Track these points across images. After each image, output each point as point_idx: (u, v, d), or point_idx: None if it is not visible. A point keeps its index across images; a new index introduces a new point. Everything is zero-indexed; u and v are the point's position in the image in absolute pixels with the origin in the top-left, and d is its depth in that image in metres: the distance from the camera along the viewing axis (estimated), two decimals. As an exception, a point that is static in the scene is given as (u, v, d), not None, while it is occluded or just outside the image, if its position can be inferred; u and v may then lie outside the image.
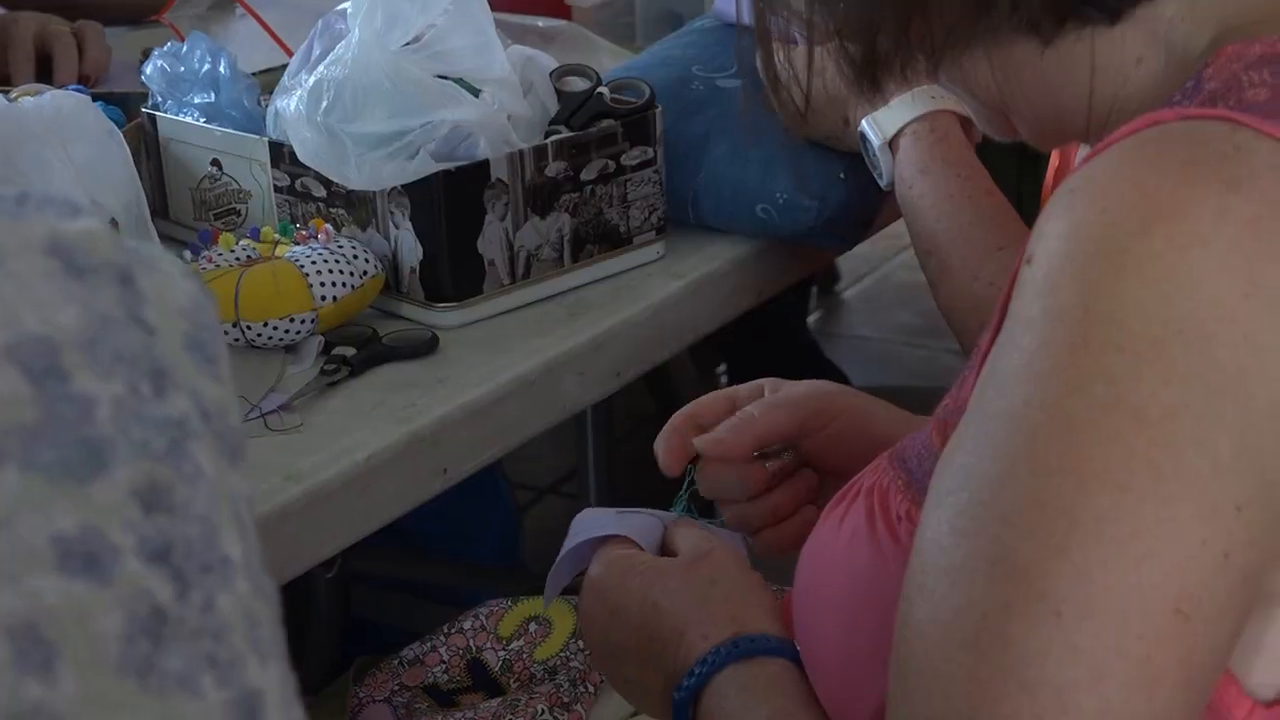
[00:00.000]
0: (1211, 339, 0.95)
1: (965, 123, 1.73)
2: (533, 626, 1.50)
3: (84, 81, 2.15)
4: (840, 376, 3.58)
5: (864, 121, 1.74)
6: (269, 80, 1.80)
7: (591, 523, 1.37)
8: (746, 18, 1.69)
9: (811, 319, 4.17)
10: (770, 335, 3.47)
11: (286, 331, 1.58)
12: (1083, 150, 1.50)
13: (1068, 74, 1.16)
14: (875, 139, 1.74)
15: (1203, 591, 0.95)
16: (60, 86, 2.12)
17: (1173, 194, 0.98)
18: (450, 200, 1.64)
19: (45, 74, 2.16)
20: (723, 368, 3.65)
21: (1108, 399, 0.96)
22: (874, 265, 4.21)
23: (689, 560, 1.31)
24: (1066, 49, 1.15)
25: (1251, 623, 0.99)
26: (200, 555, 0.73)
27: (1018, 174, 2.03)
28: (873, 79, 1.21)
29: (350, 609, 2.43)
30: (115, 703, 0.69)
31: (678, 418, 1.46)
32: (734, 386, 1.50)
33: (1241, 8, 1.11)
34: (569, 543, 1.36)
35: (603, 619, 1.31)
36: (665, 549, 1.36)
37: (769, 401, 1.46)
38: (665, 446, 1.44)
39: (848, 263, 4.13)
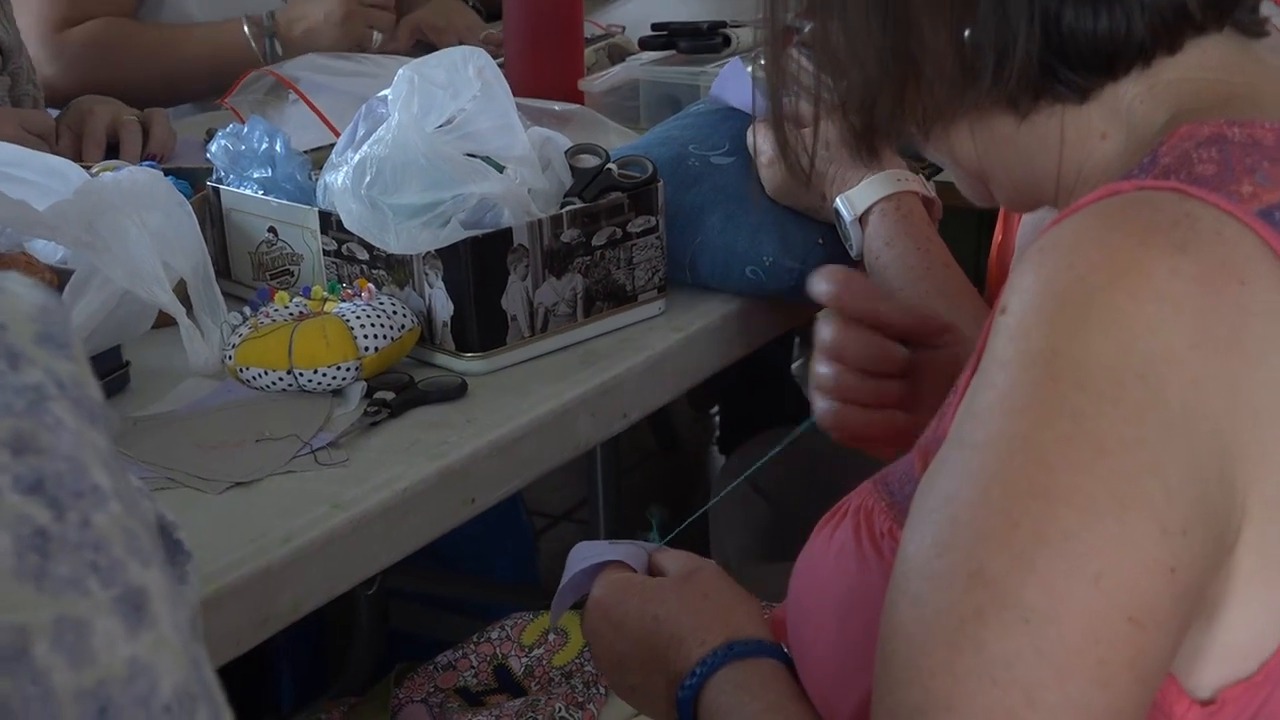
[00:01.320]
0: (1164, 382, 0.96)
1: (927, 202, 1.74)
2: (551, 636, 1.51)
3: (150, 159, 2.15)
4: None
5: (839, 199, 1.74)
6: (319, 157, 1.80)
7: (587, 552, 1.37)
8: (759, 99, 1.72)
9: (794, 365, 4.15)
10: (758, 380, 3.43)
11: (334, 378, 1.58)
12: (1027, 224, 1.51)
13: (1040, 145, 1.17)
14: (848, 214, 1.73)
15: (1152, 603, 0.96)
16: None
17: (1131, 255, 0.99)
18: (477, 263, 1.64)
19: (114, 156, 2.15)
20: (716, 409, 3.62)
21: (1073, 432, 0.97)
22: None
23: (680, 578, 1.32)
24: (1040, 123, 1.15)
25: (1192, 631, 1.00)
26: (71, 484, 0.76)
27: (976, 247, 2.03)
28: (870, 147, 1.22)
29: (389, 621, 2.42)
30: (17, 603, 0.72)
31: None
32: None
33: (1194, 94, 1.11)
34: (568, 571, 1.36)
35: (608, 634, 1.31)
36: (653, 572, 1.35)
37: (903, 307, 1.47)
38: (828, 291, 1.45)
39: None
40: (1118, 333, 0.97)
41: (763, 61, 1.25)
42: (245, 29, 2.64)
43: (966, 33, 1.12)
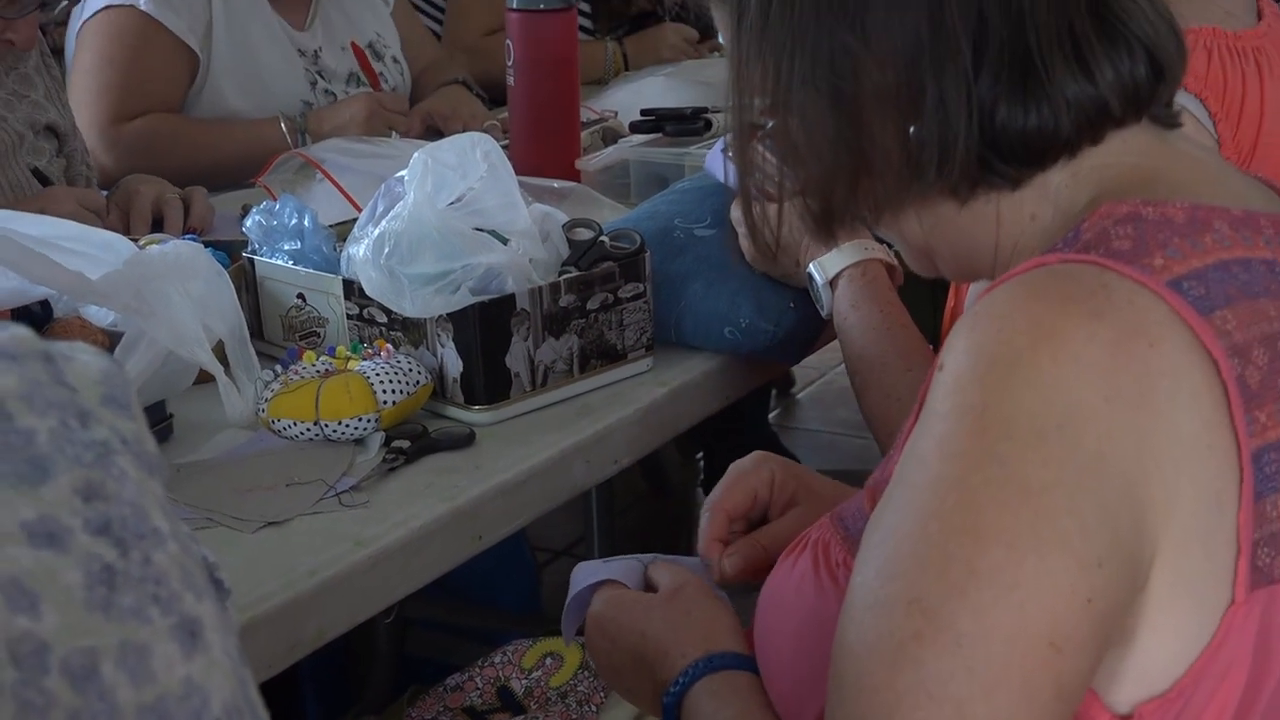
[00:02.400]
0: (1080, 432, 0.97)
1: (889, 269, 1.74)
2: (549, 660, 1.51)
3: (191, 232, 2.15)
4: (794, 460, 3.60)
5: (811, 265, 1.74)
6: (342, 231, 1.80)
7: (587, 572, 1.38)
8: (731, 180, 1.73)
9: (772, 415, 4.13)
10: (738, 429, 3.41)
11: (356, 428, 1.58)
12: (972, 291, 1.52)
13: (979, 226, 1.17)
14: (820, 278, 1.73)
15: (1071, 629, 0.97)
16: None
17: (1052, 321, 1.00)
18: (484, 325, 1.64)
19: (159, 230, 2.15)
20: (701, 455, 3.61)
21: (1000, 476, 0.98)
22: (822, 372, 4.20)
23: (666, 595, 1.32)
24: (978, 208, 1.16)
25: (1112, 654, 1.00)
26: (134, 527, 0.78)
27: (931, 309, 2.03)
28: (828, 228, 1.21)
29: (405, 647, 2.41)
30: (87, 630, 0.73)
31: (716, 511, 1.45)
32: (753, 473, 1.49)
33: (1114, 177, 1.12)
34: (572, 590, 1.37)
35: (605, 646, 1.32)
36: (647, 585, 1.36)
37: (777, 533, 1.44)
38: (709, 538, 1.43)
39: (801, 370, 4.10)
40: (1040, 389, 0.98)
41: (731, 153, 1.25)
42: (282, 126, 2.64)
43: (911, 130, 1.12)
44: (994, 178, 1.13)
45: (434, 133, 2.64)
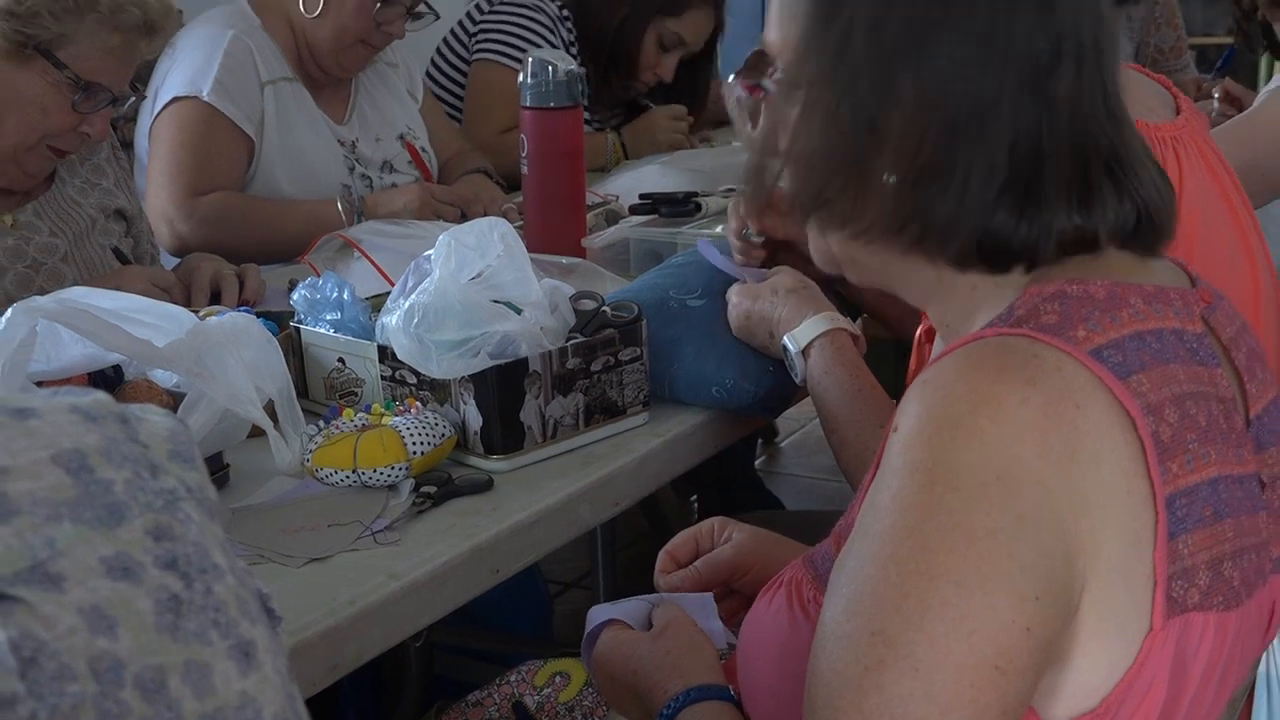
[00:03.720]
0: (1018, 484, 0.98)
1: (854, 339, 1.74)
2: (558, 678, 1.49)
3: (245, 304, 2.15)
4: (778, 503, 3.54)
5: (785, 336, 1.74)
6: (377, 303, 1.81)
7: (599, 613, 1.38)
8: (718, 264, 1.72)
9: (758, 461, 4.10)
10: (727, 474, 3.41)
11: (388, 476, 1.58)
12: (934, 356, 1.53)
13: (915, 275, 1.14)
14: (793, 348, 1.73)
15: (1012, 654, 0.98)
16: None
17: (990, 387, 1.01)
18: (501, 385, 1.64)
19: (217, 302, 2.15)
20: (694, 497, 3.58)
21: (948, 524, 0.99)
22: (802, 424, 4.19)
23: (653, 635, 1.32)
24: (921, 262, 1.13)
25: (1048, 674, 1.01)
26: (197, 563, 0.80)
27: (894, 372, 2.04)
28: (803, 213, 1.17)
29: (433, 669, 2.40)
30: (157, 649, 0.75)
31: (662, 554, 1.49)
32: (698, 526, 1.51)
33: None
34: (587, 628, 1.38)
35: (607, 681, 1.33)
36: (652, 622, 1.36)
37: (712, 559, 1.48)
38: (658, 571, 1.48)
39: (784, 421, 4.09)
40: (981, 447, 0.99)
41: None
42: (340, 208, 2.63)
43: (915, 190, 1.08)
44: (958, 264, 1.11)
45: (461, 216, 2.63)
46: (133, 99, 2.22)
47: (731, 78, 1.21)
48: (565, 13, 3.32)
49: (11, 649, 0.71)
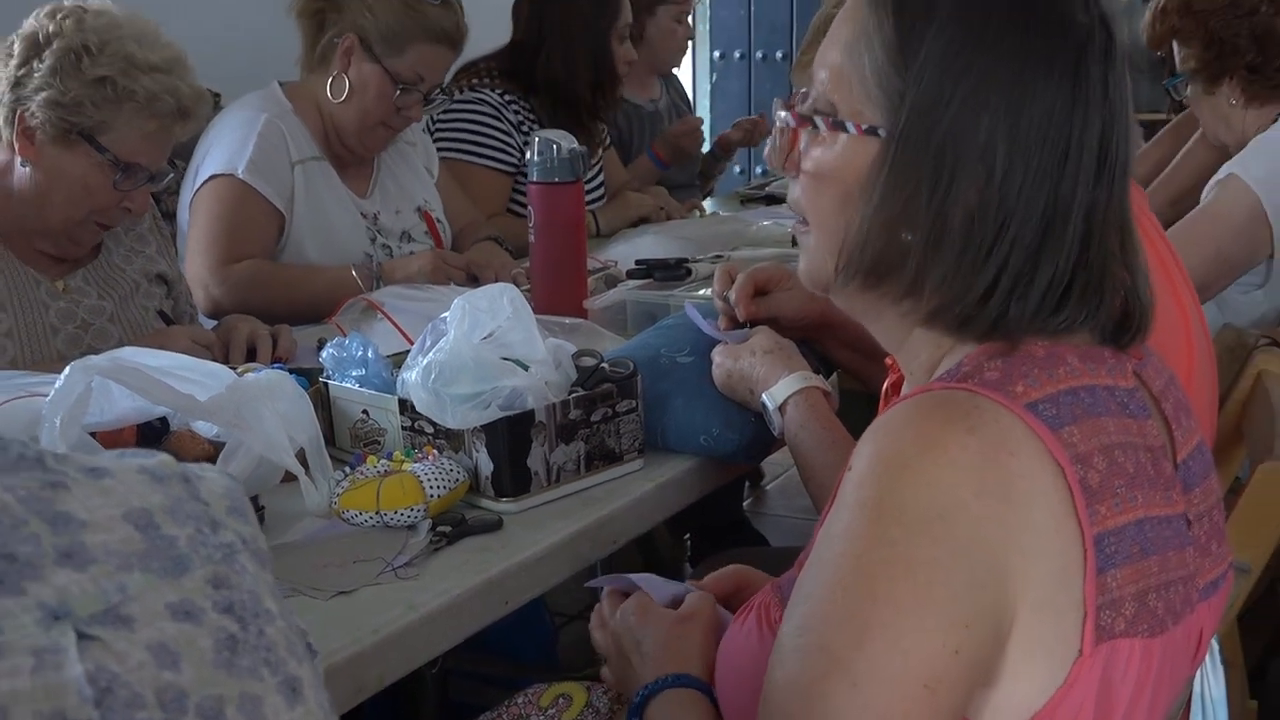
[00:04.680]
0: (956, 521, 0.99)
1: (826, 395, 1.74)
2: (561, 700, 1.49)
3: (278, 360, 2.16)
4: (764, 540, 3.54)
5: (763, 395, 1.75)
6: (398, 360, 1.81)
7: (650, 584, 1.43)
8: (705, 329, 1.72)
9: (746, 503, 4.11)
10: (717, 514, 3.42)
11: (408, 516, 1.58)
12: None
13: (890, 319, 1.15)
14: (771, 405, 1.74)
15: (942, 674, 0.99)
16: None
17: (935, 434, 1.02)
18: (510, 434, 1.65)
19: (252, 359, 2.17)
20: (687, 535, 3.58)
21: (891, 555, 1.00)
22: (786, 469, 4.18)
23: (675, 619, 1.35)
24: (905, 315, 1.13)
25: (982, 692, 1.02)
26: (251, 608, 0.80)
27: (866, 420, 2.05)
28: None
29: (448, 693, 2.38)
30: (215, 683, 0.76)
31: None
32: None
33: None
34: (635, 581, 1.44)
35: (619, 632, 1.38)
36: (678, 603, 1.39)
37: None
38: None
39: (769, 465, 4.09)
40: (924, 487, 1.00)
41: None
42: (355, 273, 2.64)
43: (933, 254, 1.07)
44: (956, 328, 1.10)
45: (471, 279, 2.65)
46: (171, 174, 2.23)
47: (783, 113, 1.16)
48: (508, 97, 3.33)
49: (89, 680, 0.72)
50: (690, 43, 3.99)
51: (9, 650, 0.71)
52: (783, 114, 1.15)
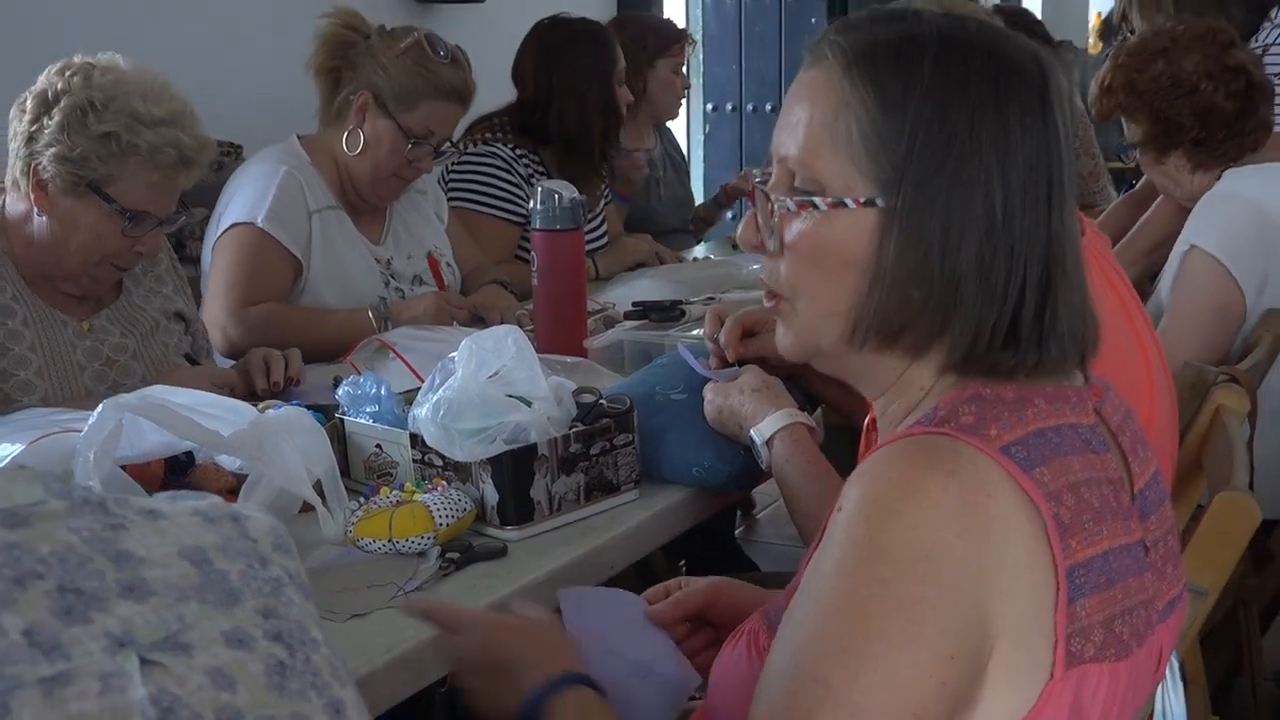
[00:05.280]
0: (940, 560, 0.99)
1: (810, 430, 1.75)
2: None
3: (290, 381, 2.19)
4: (754, 566, 3.53)
5: (751, 430, 1.75)
6: (409, 397, 1.81)
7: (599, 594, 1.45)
8: (697, 368, 1.72)
9: (738, 531, 4.10)
10: (709, 540, 3.41)
11: (419, 544, 1.59)
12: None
13: (877, 367, 1.13)
14: (759, 440, 1.74)
15: (929, 704, 0.99)
16: (275, 385, 2.17)
17: (918, 478, 1.01)
18: (514, 467, 1.65)
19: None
20: (682, 562, 3.53)
21: (880, 591, 0.99)
22: (775, 499, 4.06)
23: (544, 623, 1.34)
24: (904, 379, 1.12)
25: (958, 716, 1.02)
26: (299, 636, 0.83)
27: (850, 458, 2.06)
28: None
29: (455, 710, 2.40)
30: (267, 704, 0.78)
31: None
32: (665, 583, 1.50)
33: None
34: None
35: (483, 656, 1.31)
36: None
37: (687, 591, 1.47)
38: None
39: (760, 495, 4.06)
40: (911, 529, 1.00)
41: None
42: (370, 315, 2.66)
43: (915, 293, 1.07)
44: (956, 362, 1.09)
45: (477, 319, 2.65)
46: (183, 217, 2.24)
47: (782, 199, 1.12)
48: (519, 151, 3.35)
49: (151, 702, 0.74)
50: (687, 92, 4.02)
51: (78, 675, 0.73)
52: (782, 199, 1.11)
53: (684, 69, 3.93)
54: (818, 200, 1.09)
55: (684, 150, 4.45)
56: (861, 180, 1.07)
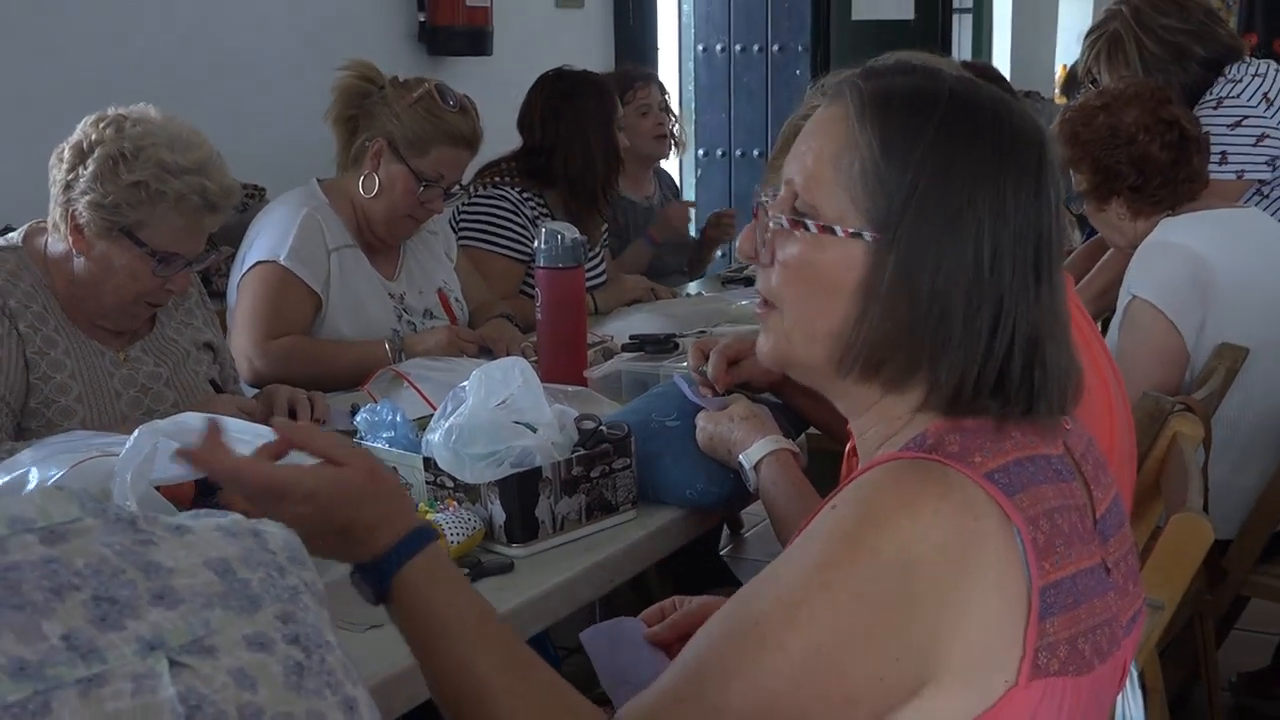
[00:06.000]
0: (916, 572, 1.00)
1: (795, 455, 1.76)
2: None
3: (316, 422, 2.17)
4: (740, 583, 3.57)
5: (740, 455, 1.76)
6: (422, 423, 1.81)
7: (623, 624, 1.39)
8: (692, 396, 1.73)
9: (726, 549, 4.09)
10: (700, 557, 3.40)
11: None
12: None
13: (856, 396, 1.12)
14: (747, 464, 1.75)
15: (863, 694, 1.00)
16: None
17: (914, 495, 1.02)
18: (520, 488, 1.66)
19: (292, 418, 2.17)
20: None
21: (849, 579, 1.00)
22: (762, 519, 4.06)
23: (367, 475, 1.13)
24: (880, 406, 1.12)
25: (905, 708, 1.02)
26: (315, 639, 0.84)
27: (833, 480, 2.06)
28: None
29: None
30: (286, 701, 0.79)
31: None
32: (660, 604, 1.48)
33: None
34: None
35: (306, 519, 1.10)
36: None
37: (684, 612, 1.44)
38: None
39: (748, 515, 4.07)
40: (897, 540, 1.00)
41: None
42: (386, 347, 2.67)
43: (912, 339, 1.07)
44: (937, 399, 1.09)
45: (485, 351, 2.66)
46: (212, 256, 2.26)
47: (778, 216, 1.13)
48: (526, 194, 3.36)
49: (180, 700, 0.76)
50: (674, 136, 4.02)
51: (113, 676, 0.75)
52: (778, 216, 1.12)
53: (657, 107, 3.93)
54: (809, 222, 1.10)
55: (680, 194, 4.47)
56: (855, 213, 1.07)
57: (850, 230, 1.08)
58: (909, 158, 1.06)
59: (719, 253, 4.43)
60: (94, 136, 2.08)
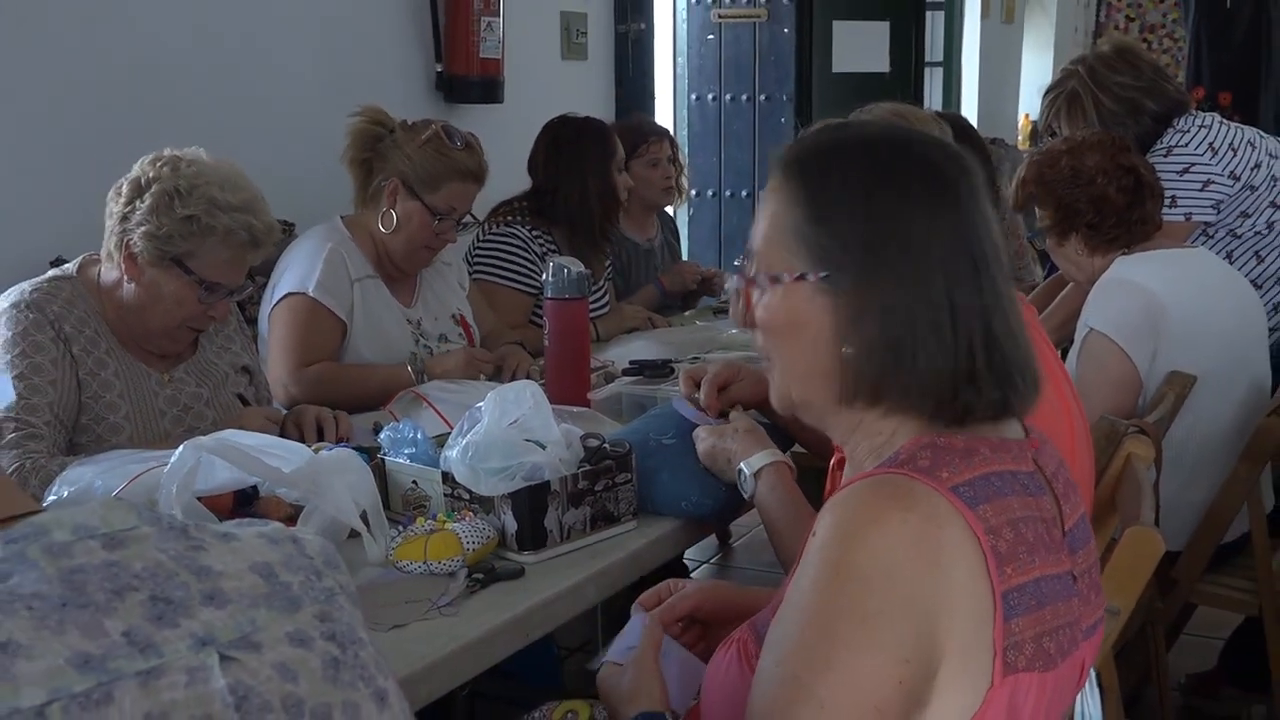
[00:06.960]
0: (897, 580, 1.01)
1: (789, 468, 1.77)
2: (570, 715, 1.50)
3: (341, 439, 2.17)
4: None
5: (741, 464, 1.76)
6: (441, 441, 1.81)
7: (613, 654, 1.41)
8: (689, 416, 1.74)
9: (715, 558, 4.08)
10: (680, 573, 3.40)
11: (449, 566, 1.60)
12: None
13: (843, 420, 1.14)
14: (747, 472, 1.76)
15: (888, 701, 1.01)
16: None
17: (880, 510, 1.03)
18: (530, 500, 1.66)
19: (320, 438, 2.17)
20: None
21: (847, 605, 1.02)
22: (751, 529, 4.17)
23: (621, 672, 1.33)
24: (866, 424, 1.13)
25: (914, 713, 1.03)
26: (349, 636, 0.84)
27: (818, 487, 2.06)
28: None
29: (474, 714, 2.38)
30: (324, 693, 0.79)
31: (636, 605, 1.47)
32: (657, 586, 1.52)
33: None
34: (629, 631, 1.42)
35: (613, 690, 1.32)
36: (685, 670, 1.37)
37: (680, 595, 1.47)
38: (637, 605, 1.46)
39: (736, 527, 4.07)
40: (872, 553, 1.02)
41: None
42: (409, 369, 2.66)
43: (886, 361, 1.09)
44: (898, 396, 1.10)
45: (497, 373, 2.66)
46: (250, 287, 2.27)
47: (740, 280, 1.17)
48: (535, 232, 3.36)
49: (230, 691, 0.77)
50: (679, 187, 4.03)
51: (169, 669, 0.76)
52: (738, 279, 1.17)
53: (666, 160, 3.95)
54: (760, 275, 1.14)
55: (679, 234, 4.48)
56: (798, 260, 1.12)
57: (795, 274, 1.11)
58: (830, 203, 1.10)
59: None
60: (151, 173, 2.10)
